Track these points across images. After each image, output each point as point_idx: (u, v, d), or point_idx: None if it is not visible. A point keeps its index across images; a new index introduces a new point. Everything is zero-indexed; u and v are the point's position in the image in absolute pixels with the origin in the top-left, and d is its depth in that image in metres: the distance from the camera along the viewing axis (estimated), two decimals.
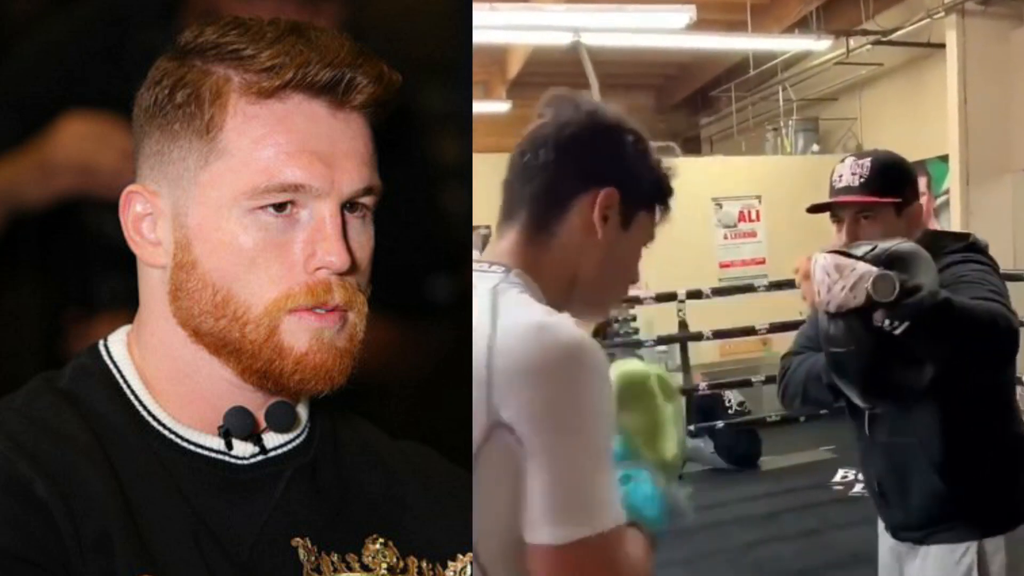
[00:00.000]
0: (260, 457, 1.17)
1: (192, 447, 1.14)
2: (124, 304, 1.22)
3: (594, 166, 1.31)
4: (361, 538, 1.19)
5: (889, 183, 2.23)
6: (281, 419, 1.17)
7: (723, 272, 9.40)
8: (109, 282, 1.67)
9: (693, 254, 9.18)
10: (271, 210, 1.10)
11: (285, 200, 1.10)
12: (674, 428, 1.37)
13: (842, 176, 2.25)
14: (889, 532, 2.40)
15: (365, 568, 1.18)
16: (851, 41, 8.87)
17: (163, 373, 1.15)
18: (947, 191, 8.24)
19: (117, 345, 1.17)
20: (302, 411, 1.21)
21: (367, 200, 1.15)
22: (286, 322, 1.11)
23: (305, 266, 1.11)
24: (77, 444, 1.08)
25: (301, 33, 1.12)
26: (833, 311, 1.88)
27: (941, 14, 7.76)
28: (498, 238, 1.33)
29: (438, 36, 1.77)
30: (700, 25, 7.45)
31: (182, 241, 1.11)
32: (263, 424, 1.17)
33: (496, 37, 8.51)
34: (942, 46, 7.99)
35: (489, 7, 7.01)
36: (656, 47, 9.21)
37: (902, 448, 2.26)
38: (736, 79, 10.83)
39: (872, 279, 1.79)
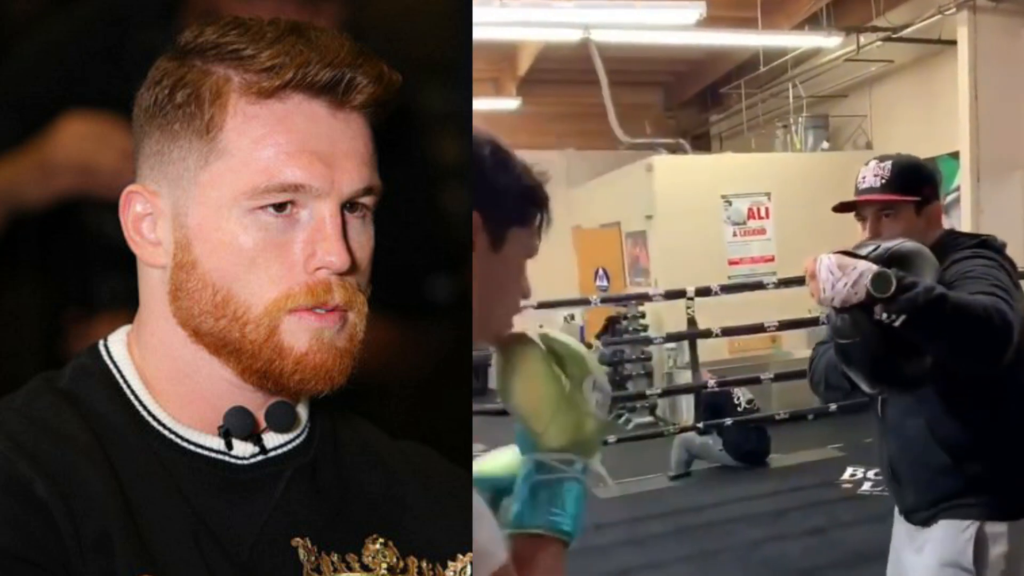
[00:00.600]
0: (260, 457, 1.16)
1: (192, 447, 1.14)
2: (124, 304, 1.22)
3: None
4: (361, 538, 1.19)
5: (908, 184, 2.42)
6: (281, 419, 1.17)
7: (732, 269, 9.40)
8: (109, 282, 1.67)
9: (702, 251, 9.19)
10: (271, 210, 1.10)
11: (285, 200, 1.10)
12: (581, 397, 1.26)
13: (865, 177, 2.45)
14: (902, 516, 2.52)
15: (365, 568, 1.18)
16: (862, 38, 8.87)
17: (163, 373, 1.15)
18: (957, 188, 8.22)
19: (117, 345, 1.17)
20: (302, 411, 1.20)
21: (367, 200, 1.15)
22: (286, 322, 1.11)
23: (305, 266, 1.10)
24: (77, 444, 1.08)
25: (301, 33, 1.12)
26: (838, 306, 2.04)
27: (952, 10, 7.74)
28: None
29: (438, 36, 1.76)
30: (710, 21, 7.45)
31: (182, 241, 1.11)
32: (263, 424, 1.17)
33: (506, 34, 8.51)
34: (953, 43, 7.97)
35: (499, 3, 7.02)
36: (666, 44, 9.21)
37: (913, 428, 2.40)
38: (746, 76, 10.83)
39: (871, 276, 1.95)
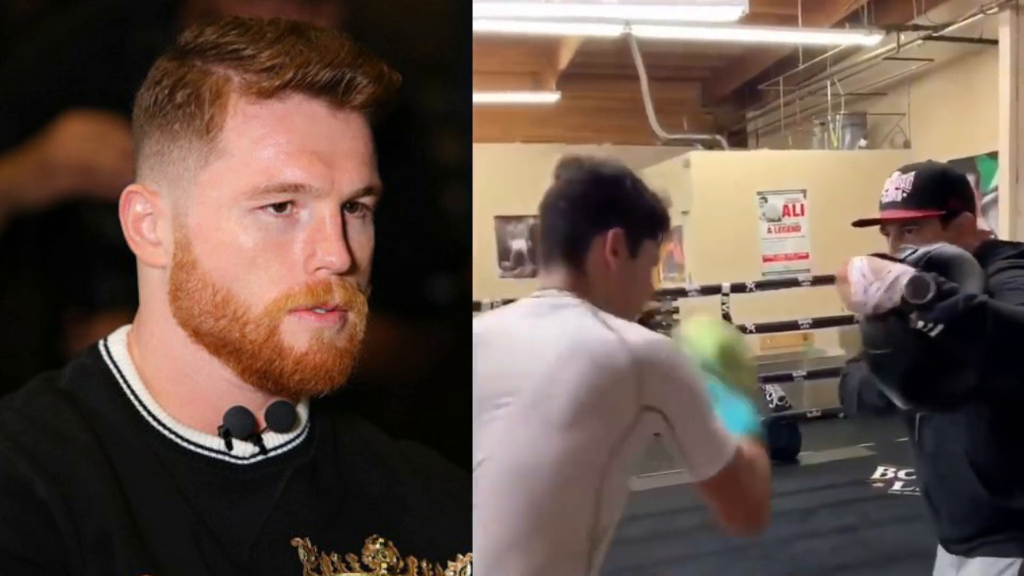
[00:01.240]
0: (260, 457, 1.17)
1: (192, 447, 1.14)
2: (124, 304, 1.22)
3: (600, 213, 1.61)
4: (361, 538, 1.19)
5: (932, 196, 2.20)
6: (281, 419, 1.17)
7: (767, 266, 9.33)
8: (109, 282, 1.68)
9: (737, 248, 9.13)
10: (271, 210, 1.10)
11: (285, 200, 1.10)
12: (745, 360, 1.80)
13: (888, 191, 2.25)
14: (941, 545, 2.32)
15: (365, 568, 1.18)
16: (902, 36, 8.77)
17: (163, 373, 1.15)
18: (995, 188, 8.13)
19: (117, 345, 1.17)
20: (302, 411, 1.21)
21: (367, 200, 1.15)
22: (286, 322, 1.11)
23: (305, 266, 1.11)
24: (77, 444, 1.08)
25: (301, 33, 1.12)
26: (870, 312, 1.87)
27: (995, 10, 7.65)
28: (546, 273, 1.63)
29: (438, 36, 1.76)
30: (751, 18, 7.40)
31: (182, 241, 1.11)
32: (263, 424, 1.17)
33: (548, 29, 8.50)
34: (994, 42, 7.87)
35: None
36: (706, 40, 9.16)
37: (948, 456, 2.20)
38: (785, 73, 10.71)
39: (908, 280, 1.79)
